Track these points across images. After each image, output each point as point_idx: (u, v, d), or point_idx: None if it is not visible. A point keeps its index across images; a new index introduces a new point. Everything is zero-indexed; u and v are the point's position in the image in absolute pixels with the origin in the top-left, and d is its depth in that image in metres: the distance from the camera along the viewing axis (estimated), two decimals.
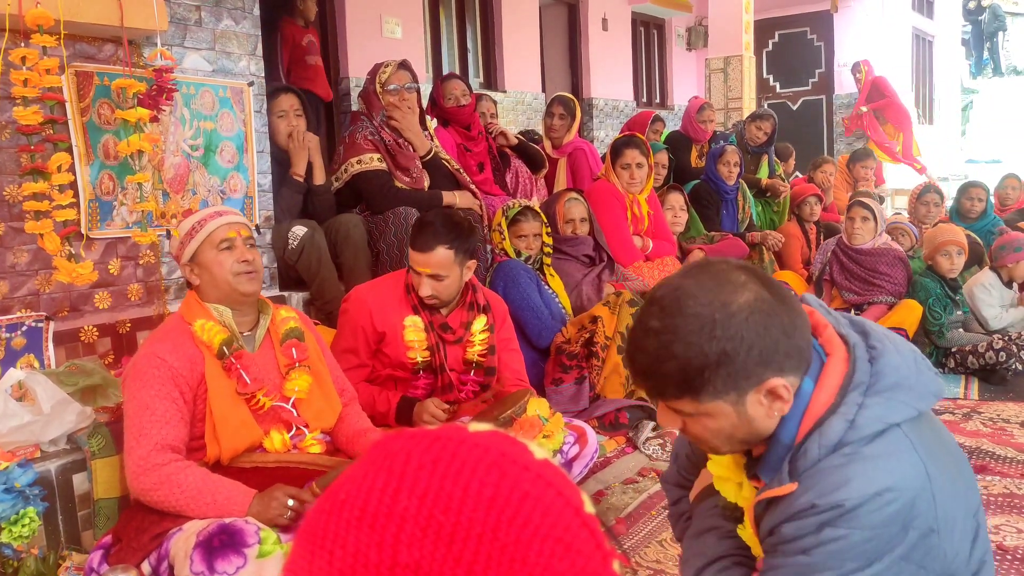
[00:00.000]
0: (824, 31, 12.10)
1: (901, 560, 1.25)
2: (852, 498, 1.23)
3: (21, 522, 2.10)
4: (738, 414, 1.29)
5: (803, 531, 1.27)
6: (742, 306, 1.24)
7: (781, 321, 1.26)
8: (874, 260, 4.80)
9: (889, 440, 1.28)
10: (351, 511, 0.55)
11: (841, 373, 1.32)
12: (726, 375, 1.25)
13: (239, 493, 2.01)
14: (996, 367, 4.32)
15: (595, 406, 3.55)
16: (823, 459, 1.28)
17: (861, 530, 1.23)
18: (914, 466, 1.27)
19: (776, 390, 1.27)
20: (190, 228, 2.25)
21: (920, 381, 1.34)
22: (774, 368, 1.26)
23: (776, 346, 1.26)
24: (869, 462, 1.26)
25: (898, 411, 1.30)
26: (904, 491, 1.24)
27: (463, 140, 4.66)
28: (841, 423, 1.28)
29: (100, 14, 2.76)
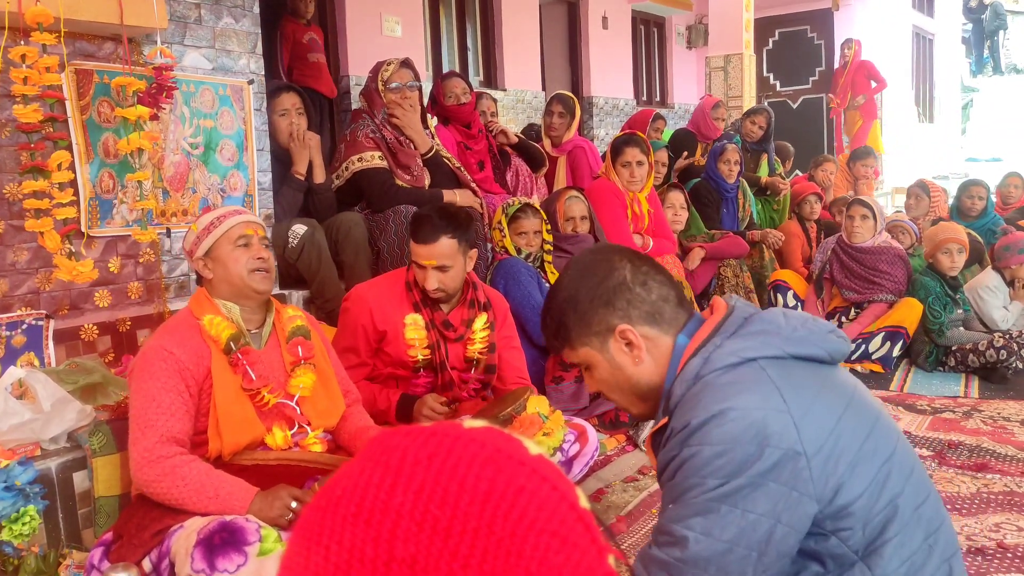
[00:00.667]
0: (824, 29, 12.10)
1: (764, 478, 1.32)
2: (698, 416, 1.37)
3: (21, 520, 2.10)
4: (608, 361, 1.53)
5: (669, 454, 1.41)
6: (588, 263, 1.56)
7: (622, 274, 1.51)
8: (874, 258, 4.79)
9: (741, 371, 1.41)
10: (347, 507, 0.55)
11: (712, 326, 1.49)
12: (576, 316, 1.52)
13: (242, 490, 2.01)
14: (996, 365, 4.32)
15: (595, 404, 3.55)
16: (685, 393, 1.44)
17: (710, 445, 1.34)
18: (764, 391, 1.37)
19: (624, 333, 1.49)
20: (208, 223, 2.27)
21: (800, 334, 1.46)
22: (619, 315, 1.50)
23: (615, 292, 1.50)
24: (716, 388, 1.39)
25: (755, 348, 1.43)
26: (747, 410, 1.34)
27: (463, 138, 4.66)
28: (698, 360, 1.45)
29: (100, 12, 2.75)
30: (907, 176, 11.08)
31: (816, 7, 11.82)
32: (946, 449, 3.28)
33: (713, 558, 1.33)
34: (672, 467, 1.40)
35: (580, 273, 1.55)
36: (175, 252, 3.24)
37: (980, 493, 2.85)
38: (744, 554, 1.32)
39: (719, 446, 1.33)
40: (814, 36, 12.21)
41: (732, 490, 1.32)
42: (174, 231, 3.20)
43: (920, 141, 13.09)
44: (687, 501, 1.35)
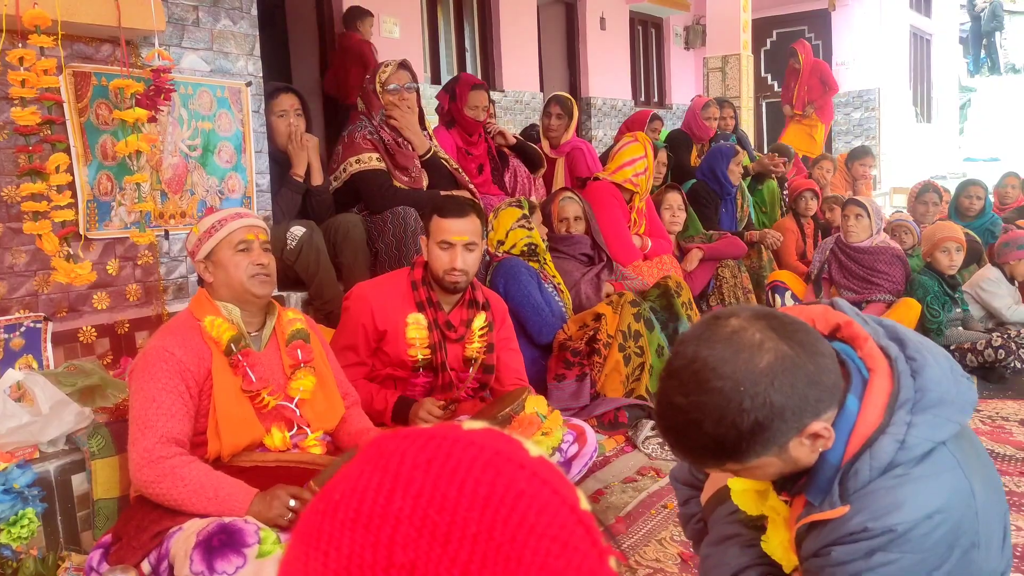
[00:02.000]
0: (822, 30, 12.11)
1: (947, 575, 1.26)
2: (905, 522, 1.23)
3: (20, 523, 2.10)
4: (783, 460, 1.29)
5: (853, 555, 1.27)
6: (764, 371, 1.21)
7: (806, 371, 1.24)
8: (872, 258, 4.80)
9: (937, 460, 1.28)
10: (346, 512, 0.55)
11: (886, 390, 1.30)
12: (764, 440, 1.23)
13: (241, 491, 2.01)
14: (995, 365, 4.32)
15: (594, 405, 3.55)
16: (874, 481, 1.27)
17: (912, 554, 1.23)
18: (960, 485, 1.27)
19: (818, 432, 1.26)
20: (210, 226, 2.27)
21: (959, 393, 1.34)
22: (809, 416, 1.25)
23: (807, 398, 1.24)
24: (920, 483, 1.25)
25: (944, 428, 1.29)
26: (952, 511, 1.25)
27: (464, 144, 4.67)
28: (892, 443, 1.26)
29: (97, 14, 2.75)
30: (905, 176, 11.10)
31: (813, 8, 11.84)
32: None
33: None
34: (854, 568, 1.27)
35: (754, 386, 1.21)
36: (173, 254, 3.24)
37: None
38: None
39: (920, 554, 1.24)
40: (812, 36, 12.22)
41: None
42: (172, 233, 3.20)
43: (918, 141, 13.10)
44: None
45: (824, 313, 1.43)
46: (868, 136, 11.81)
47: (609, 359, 3.60)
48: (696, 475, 1.71)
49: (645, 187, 4.72)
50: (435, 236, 2.79)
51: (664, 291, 4.12)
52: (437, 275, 2.80)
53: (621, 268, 4.33)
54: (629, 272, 4.35)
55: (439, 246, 2.78)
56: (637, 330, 3.65)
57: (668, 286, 4.12)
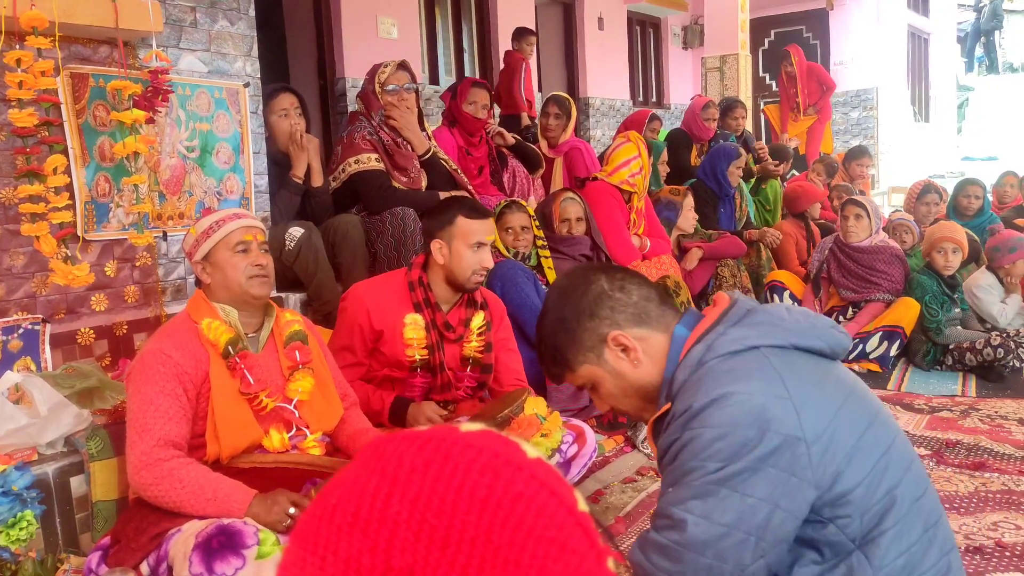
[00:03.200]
0: (820, 29, 12.12)
1: (763, 463, 1.33)
2: (699, 400, 1.39)
3: (19, 525, 2.10)
4: (609, 372, 1.56)
5: (670, 438, 1.43)
6: (566, 285, 1.61)
7: (599, 286, 1.56)
8: (871, 258, 4.80)
9: (744, 357, 1.43)
10: (343, 516, 0.55)
11: (715, 316, 1.52)
12: (568, 338, 1.56)
13: (240, 493, 2.00)
14: (994, 364, 4.32)
15: (593, 404, 3.55)
16: (687, 379, 1.45)
17: (711, 428, 1.36)
18: (766, 377, 1.39)
19: (618, 339, 1.53)
20: (207, 227, 2.25)
21: (803, 327, 1.49)
22: (607, 323, 1.54)
23: (597, 304, 1.54)
24: (719, 373, 1.42)
25: (759, 337, 1.45)
26: (749, 395, 1.36)
27: (465, 144, 4.66)
28: (701, 347, 1.47)
29: (95, 16, 2.75)
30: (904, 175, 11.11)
31: (811, 7, 11.84)
32: (944, 448, 3.28)
33: (711, 541, 1.33)
34: (672, 450, 1.41)
35: (559, 295, 1.60)
36: (172, 255, 3.23)
37: (978, 492, 2.85)
38: (742, 538, 1.33)
39: (720, 429, 1.35)
40: (810, 36, 12.23)
41: (731, 474, 1.33)
42: (171, 234, 3.19)
43: (916, 140, 13.11)
44: (686, 484, 1.37)
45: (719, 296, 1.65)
46: (866, 135, 11.81)
47: None
48: None
49: (642, 187, 4.71)
50: (466, 238, 2.77)
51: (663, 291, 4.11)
52: (463, 276, 2.78)
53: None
54: None
55: (471, 248, 2.76)
56: None
57: (666, 286, 4.12)
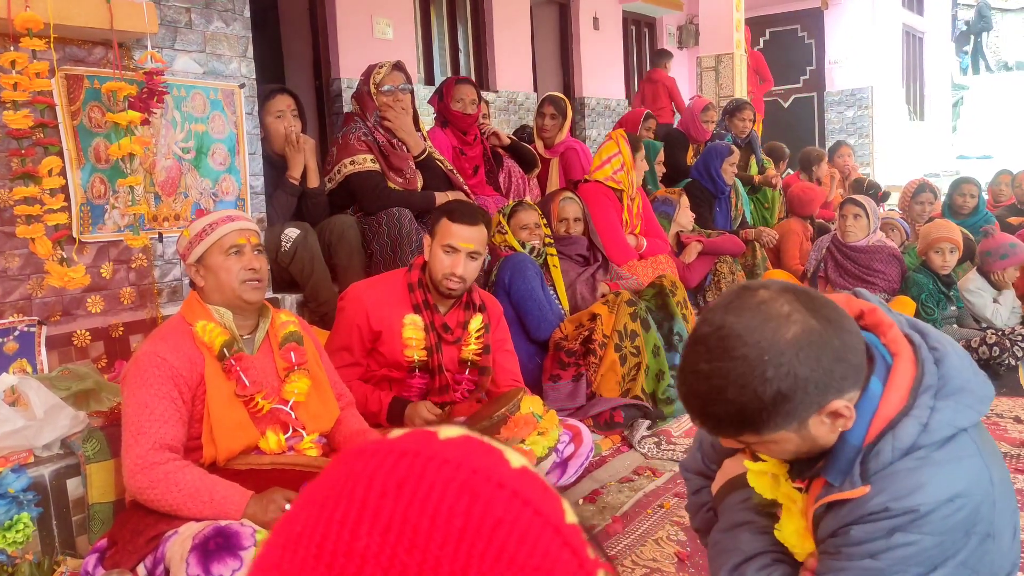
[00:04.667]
0: (815, 28, 12.14)
1: (960, 565, 1.26)
2: (927, 503, 1.23)
3: (15, 528, 2.10)
4: (801, 437, 1.29)
5: (873, 535, 1.27)
6: (791, 342, 1.21)
7: (832, 347, 1.24)
8: (869, 257, 4.81)
9: (959, 445, 1.28)
10: (307, 548, 0.50)
11: (910, 374, 1.31)
12: (785, 412, 1.23)
13: (236, 494, 2.00)
14: (990, 362, 4.33)
15: (590, 405, 3.56)
16: (896, 462, 1.27)
17: (932, 536, 1.24)
18: (981, 471, 1.28)
19: (839, 411, 1.26)
20: (200, 230, 2.24)
21: (979, 384, 1.35)
22: (833, 392, 1.25)
23: (831, 373, 1.23)
24: (942, 467, 1.26)
25: (965, 416, 1.30)
26: (972, 496, 1.25)
27: (460, 144, 4.66)
28: (915, 426, 1.27)
29: (90, 17, 2.74)
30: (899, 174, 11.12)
31: (806, 6, 11.86)
32: None
33: None
34: (872, 548, 1.27)
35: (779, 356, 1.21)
36: (167, 257, 3.23)
37: None
38: None
39: (939, 536, 1.24)
40: (804, 35, 12.26)
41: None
42: (166, 236, 3.19)
43: (911, 139, 13.14)
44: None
45: (848, 300, 1.43)
46: (861, 134, 11.83)
47: (605, 359, 3.60)
48: (708, 465, 1.70)
49: (627, 183, 4.71)
50: (441, 238, 2.77)
51: (659, 290, 4.13)
52: (435, 277, 2.79)
53: (616, 268, 4.34)
54: (624, 272, 4.36)
55: (443, 249, 2.76)
56: (633, 330, 3.66)
57: (663, 285, 4.13)
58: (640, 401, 3.59)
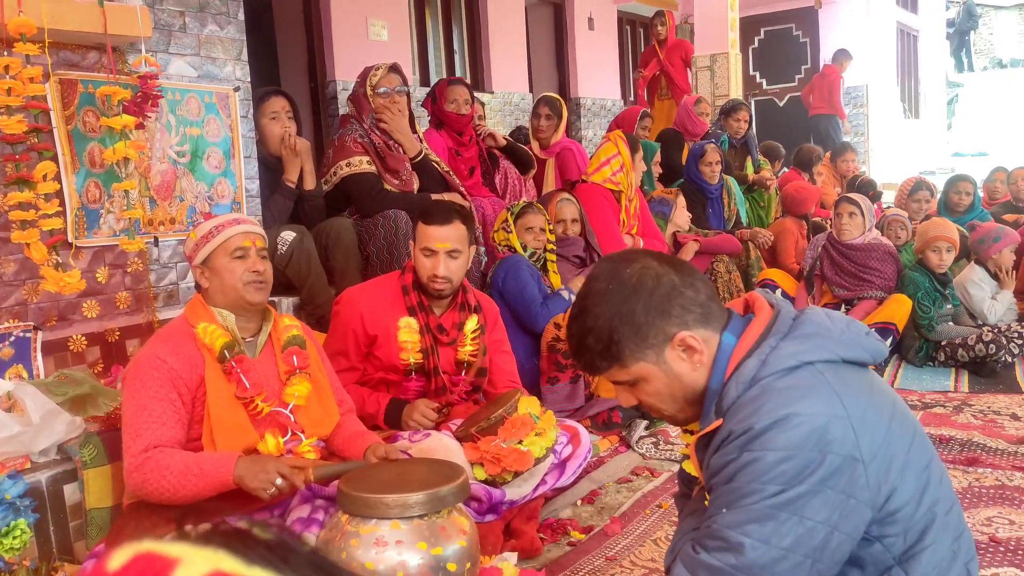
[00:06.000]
0: (809, 27, 12.15)
1: (824, 485, 1.31)
2: (761, 421, 1.34)
3: (12, 534, 2.09)
4: (665, 372, 1.46)
5: (726, 458, 1.38)
6: (631, 273, 1.46)
7: (670, 279, 1.45)
8: (864, 256, 4.82)
9: (800, 374, 1.39)
10: None
11: (763, 325, 1.47)
12: (632, 333, 1.44)
13: (223, 458, 2.02)
14: (986, 359, 4.34)
15: (588, 405, 3.56)
16: (741, 395, 1.40)
17: (773, 451, 1.32)
18: (825, 396, 1.36)
19: (685, 340, 1.44)
20: (207, 232, 2.27)
21: (846, 336, 1.46)
22: (676, 322, 1.44)
23: (669, 300, 1.44)
24: (778, 392, 1.37)
25: (812, 352, 1.41)
26: (811, 416, 1.33)
27: (455, 145, 4.66)
28: (755, 361, 1.42)
29: (83, 22, 2.74)
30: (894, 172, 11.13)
31: (800, 5, 11.87)
32: (937, 444, 3.29)
33: (768, 565, 1.32)
34: (729, 471, 1.37)
35: (621, 284, 1.45)
36: (163, 261, 3.22)
37: (971, 487, 2.86)
38: (799, 561, 1.32)
39: (782, 452, 1.32)
40: (799, 34, 12.27)
41: (792, 497, 1.31)
42: (162, 240, 3.18)
43: (906, 137, 13.15)
44: (744, 507, 1.34)
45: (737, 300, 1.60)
46: (857, 132, 11.84)
47: None
48: (686, 487, 1.78)
49: (626, 184, 4.72)
50: (419, 242, 2.79)
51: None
52: (422, 280, 2.80)
53: None
54: None
55: (422, 252, 2.77)
56: None
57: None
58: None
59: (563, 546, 2.61)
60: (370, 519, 1.88)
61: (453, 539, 1.90)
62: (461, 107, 4.61)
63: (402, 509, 1.86)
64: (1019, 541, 2.43)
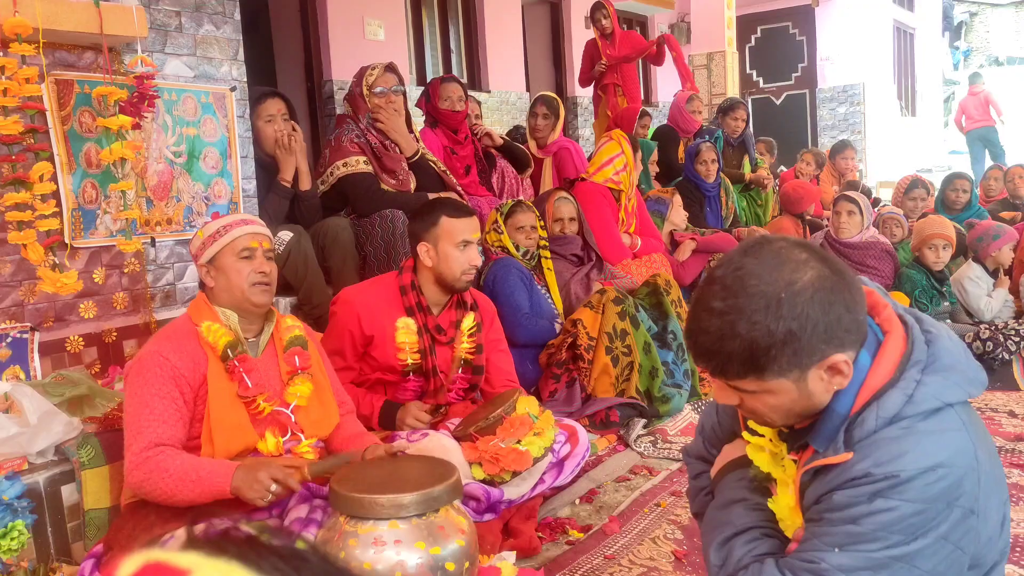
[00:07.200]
0: (806, 25, 12.17)
1: (942, 538, 1.27)
2: (907, 470, 1.25)
3: (10, 535, 2.09)
4: (799, 390, 1.31)
5: (855, 500, 1.29)
6: (806, 284, 1.27)
7: (843, 297, 1.29)
8: (862, 253, 4.83)
9: (944, 418, 1.30)
10: None
11: (900, 350, 1.34)
12: (791, 353, 1.27)
13: (222, 467, 2.02)
14: (983, 357, 4.34)
15: (586, 405, 3.56)
16: (880, 430, 1.30)
17: (912, 503, 1.25)
18: (965, 446, 1.29)
19: (837, 365, 1.29)
20: (214, 231, 2.27)
21: (970, 367, 1.38)
22: (836, 344, 1.28)
23: (839, 322, 1.28)
24: (925, 436, 1.28)
25: (953, 392, 1.32)
26: (954, 468, 1.26)
27: (450, 143, 4.65)
28: (900, 397, 1.30)
29: (79, 22, 2.73)
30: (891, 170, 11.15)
31: (797, 3, 11.89)
32: None
33: None
34: (854, 512, 1.29)
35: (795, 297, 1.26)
36: (160, 261, 3.22)
37: None
38: None
39: (919, 505, 1.26)
40: (796, 32, 12.28)
41: (912, 551, 1.27)
42: (159, 240, 3.18)
43: (903, 135, 13.17)
44: (861, 553, 1.28)
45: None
46: (854, 130, 11.86)
47: (596, 362, 3.60)
48: (709, 450, 1.72)
49: (628, 183, 4.72)
50: (451, 238, 2.77)
51: (653, 289, 4.13)
52: (452, 276, 2.78)
53: (611, 267, 4.34)
54: (618, 271, 4.36)
55: (457, 247, 2.76)
56: (623, 329, 3.65)
57: (657, 284, 4.13)
58: (635, 400, 3.59)
59: (561, 545, 2.61)
60: (367, 519, 1.87)
61: (451, 538, 1.89)
62: (455, 104, 4.60)
63: (396, 509, 1.86)
64: (1017, 538, 2.44)
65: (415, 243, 2.83)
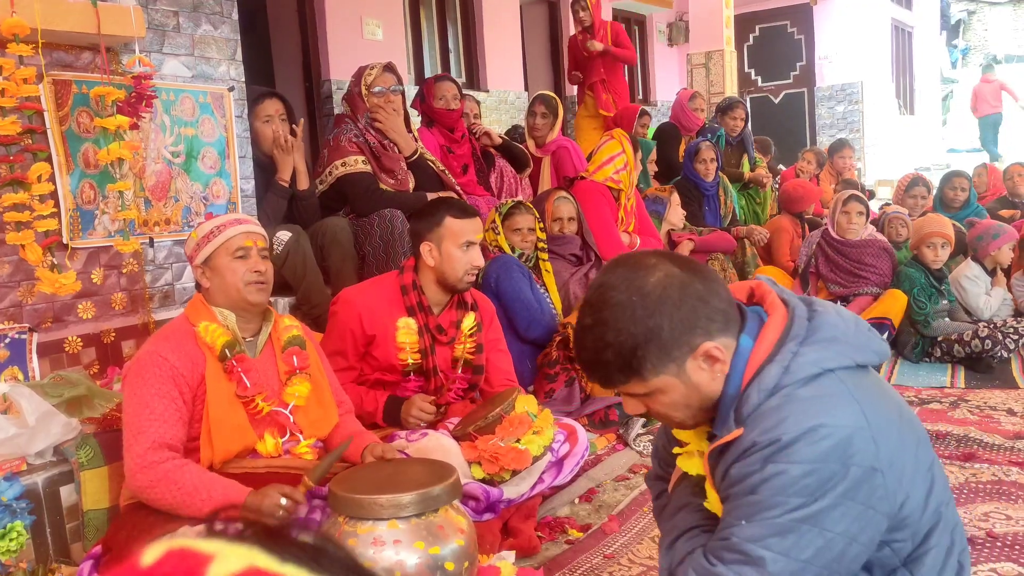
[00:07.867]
0: (804, 24, 12.17)
1: (846, 498, 1.31)
2: (788, 433, 1.32)
3: (8, 536, 2.09)
4: (684, 383, 1.41)
5: (749, 470, 1.35)
6: (655, 285, 1.38)
7: (696, 289, 1.39)
8: (860, 252, 4.83)
9: (823, 383, 1.37)
10: None
11: (779, 328, 1.42)
12: (658, 349, 1.37)
13: (234, 491, 2.02)
14: (982, 355, 4.34)
15: (585, 404, 3.56)
16: (763, 403, 1.37)
17: (799, 464, 1.31)
18: (848, 406, 1.34)
19: (710, 352, 1.38)
20: (208, 231, 2.27)
21: (859, 339, 1.44)
22: (700, 333, 1.38)
23: (695, 312, 1.38)
24: (803, 402, 1.35)
25: (833, 359, 1.39)
26: (837, 427, 1.32)
27: (447, 142, 4.65)
28: (777, 369, 1.38)
29: (77, 22, 2.73)
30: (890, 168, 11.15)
31: (795, 2, 11.89)
32: (934, 440, 3.30)
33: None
34: (751, 483, 1.35)
35: (646, 298, 1.37)
36: (158, 262, 3.21)
37: (968, 483, 2.87)
38: (817, 572, 1.32)
39: (808, 465, 1.30)
40: (794, 31, 12.28)
41: (815, 511, 1.30)
42: (157, 241, 3.17)
43: (901, 133, 13.17)
44: (766, 520, 1.32)
45: (742, 284, 1.58)
46: (852, 129, 11.86)
47: None
48: (664, 469, 1.78)
49: (628, 182, 4.72)
50: (455, 239, 2.77)
51: None
52: (455, 277, 2.78)
53: None
54: None
55: (461, 247, 2.76)
56: None
57: None
58: None
59: (561, 544, 2.61)
60: (366, 519, 1.87)
61: (451, 538, 1.89)
62: (450, 102, 4.60)
63: (395, 509, 1.86)
64: (1016, 536, 2.44)
65: (418, 242, 2.83)
